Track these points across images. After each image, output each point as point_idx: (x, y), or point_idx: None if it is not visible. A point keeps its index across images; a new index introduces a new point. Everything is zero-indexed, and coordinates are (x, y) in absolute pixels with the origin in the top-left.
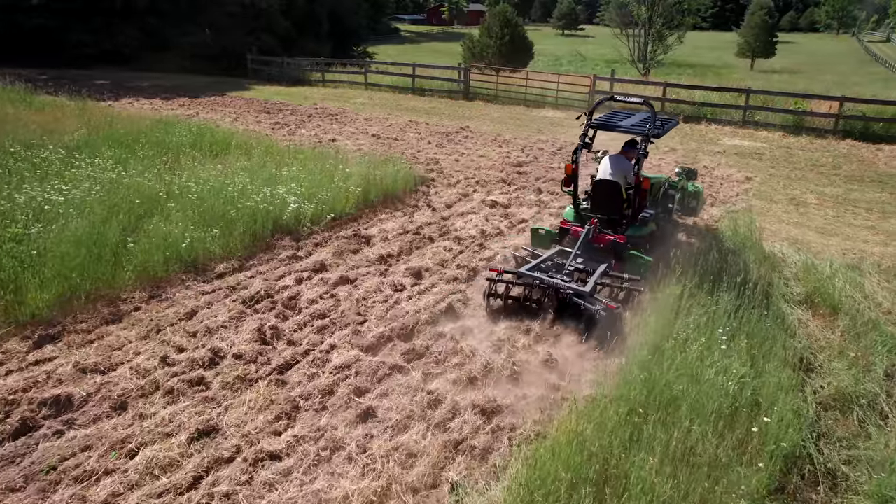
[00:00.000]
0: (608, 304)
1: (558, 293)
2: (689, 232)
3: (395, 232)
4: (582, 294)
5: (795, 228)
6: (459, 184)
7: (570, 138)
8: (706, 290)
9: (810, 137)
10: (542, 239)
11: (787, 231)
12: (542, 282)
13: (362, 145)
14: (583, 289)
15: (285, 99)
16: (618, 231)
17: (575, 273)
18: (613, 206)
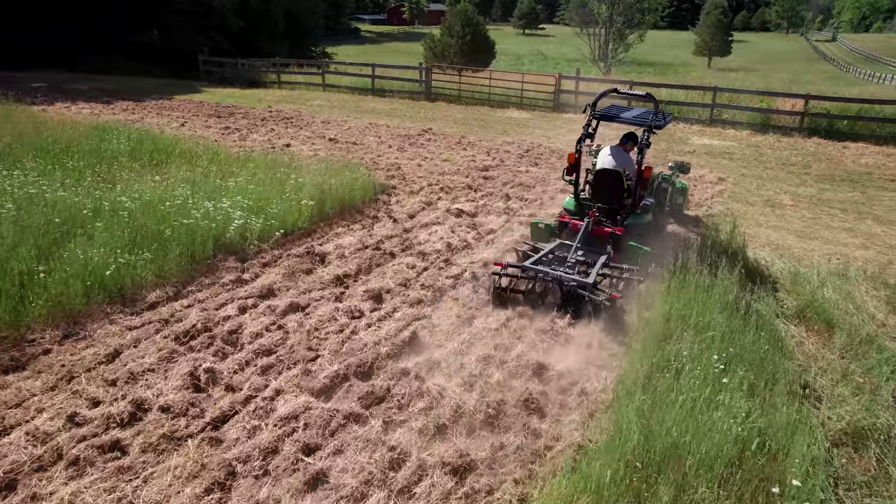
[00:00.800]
0: (611, 293)
1: (562, 285)
2: (673, 238)
3: (353, 248)
4: (585, 285)
5: (775, 232)
6: (423, 191)
7: (536, 139)
8: (696, 309)
9: (777, 136)
10: (541, 233)
11: (767, 235)
12: (545, 275)
13: (319, 150)
14: (586, 280)
15: (238, 102)
16: (616, 221)
17: (577, 265)
18: (614, 195)
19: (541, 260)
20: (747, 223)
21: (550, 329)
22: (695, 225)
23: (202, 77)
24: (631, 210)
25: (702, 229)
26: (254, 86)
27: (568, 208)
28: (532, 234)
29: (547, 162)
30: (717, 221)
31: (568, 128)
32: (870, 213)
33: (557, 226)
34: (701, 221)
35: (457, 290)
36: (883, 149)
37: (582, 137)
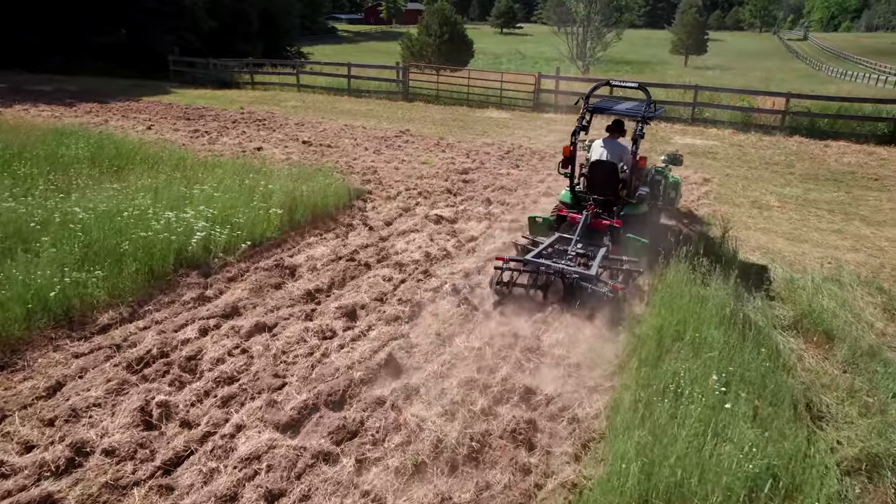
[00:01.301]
0: (614, 285)
1: (564, 278)
2: (665, 235)
3: (326, 259)
4: (588, 277)
5: (763, 235)
6: (400, 196)
7: (517, 140)
8: (691, 324)
9: (759, 134)
10: (539, 227)
11: (757, 239)
12: (547, 268)
13: (291, 154)
14: (588, 272)
15: (210, 103)
16: (613, 213)
17: (577, 258)
18: (610, 187)
19: (541, 253)
20: (736, 226)
21: (537, 347)
22: (688, 220)
23: (172, 78)
24: (627, 201)
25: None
26: (226, 87)
27: (564, 201)
28: (530, 229)
29: (528, 164)
30: (705, 225)
31: (549, 128)
32: (857, 214)
33: (555, 219)
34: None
35: (436, 304)
36: (864, 147)
37: (576, 130)
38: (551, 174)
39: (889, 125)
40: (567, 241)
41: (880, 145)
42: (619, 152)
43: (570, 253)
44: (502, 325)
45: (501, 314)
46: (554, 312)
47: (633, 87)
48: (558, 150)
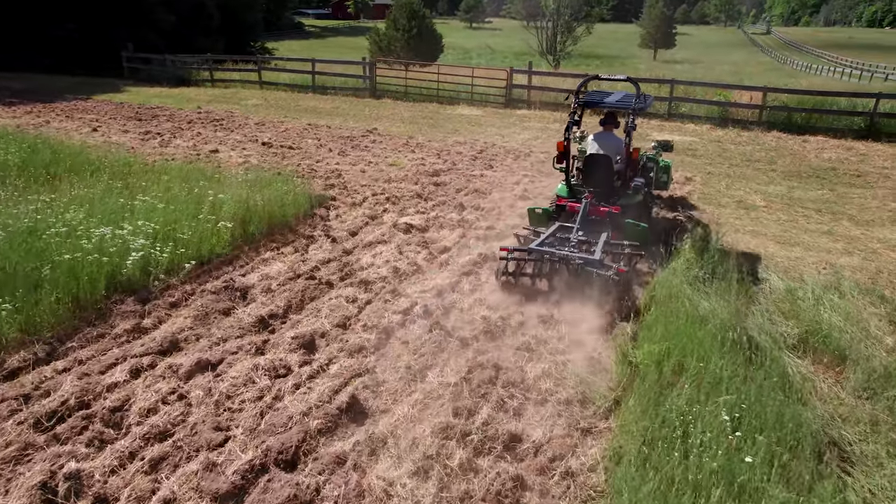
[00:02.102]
0: (619, 268)
1: (569, 264)
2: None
3: (283, 277)
4: (592, 262)
5: (753, 238)
6: (366, 202)
7: (490, 139)
8: (693, 349)
9: (737, 130)
10: (539, 218)
11: (747, 243)
12: (552, 255)
13: (250, 157)
14: (592, 257)
15: (165, 102)
16: (609, 202)
17: (580, 244)
18: (605, 179)
19: (543, 242)
20: (723, 229)
21: (521, 381)
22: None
23: (127, 75)
24: (622, 192)
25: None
26: (184, 84)
27: (560, 195)
28: (530, 220)
29: (502, 164)
30: (694, 230)
31: (522, 125)
32: (844, 214)
33: (555, 209)
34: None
35: (406, 329)
36: (842, 142)
37: (569, 125)
38: (527, 175)
39: (865, 119)
40: (567, 230)
41: (858, 140)
42: (613, 145)
43: (572, 240)
44: (481, 353)
45: (478, 340)
46: (538, 338)
47: (622, 80)
48: (533, 149)
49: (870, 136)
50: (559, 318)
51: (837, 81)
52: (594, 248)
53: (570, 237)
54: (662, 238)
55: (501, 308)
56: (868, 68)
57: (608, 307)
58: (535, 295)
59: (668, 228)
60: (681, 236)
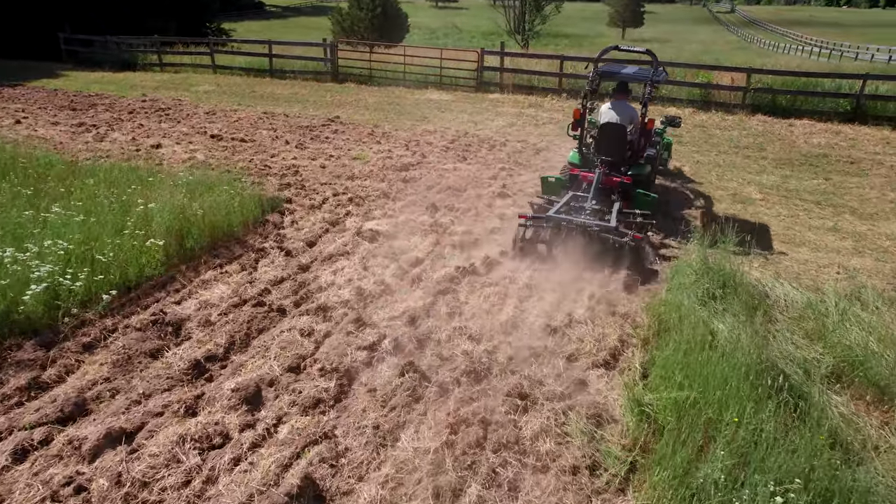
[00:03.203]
0: (634, 234)
1: (586, 231)
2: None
3: (226, 304)
4: (608, 229)
5: (755, 238)
6: (326, 203)
7: (462, 126)
8: (715, 391)
9: (721, 113)
10: (552, 186)
11: (749, 243)
12: (569, 222)
13: (196, 152)
14: (609, 224)
15: (106, 89)
16: (620, 172)
17: (595, 213)
18: (618, 148)
19: (559, 210)
20: (723, 228)
21: (516, 441)
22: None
23: (65, 58)
24: (633, 162)
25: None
26: (129, 69)
27: (573, 162)
28: (543, 189)
29: (476, 155)
30: (694, 233)
31: (496, 110)
32: (845, 206)
33: (568, 178)
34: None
35: (373, 371)
36: (828, 126)
37: (586, 94)
38: (504, 168)
39: (851, 102)
40: (581, 199)
41: (844, 123)
42: (627, 114)
43: (586, 209)
44: (464, 402)
45: (460, 384)
46: (532, 378)
47: (641, 52)
48: (509, 138)
49: (856, 119)
50: (552, 349)
51: (815, 62)
52: (608, 217)
53: (584, 206)
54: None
55: (485, 337)
56: (835, 47)
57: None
58: (524, 320)
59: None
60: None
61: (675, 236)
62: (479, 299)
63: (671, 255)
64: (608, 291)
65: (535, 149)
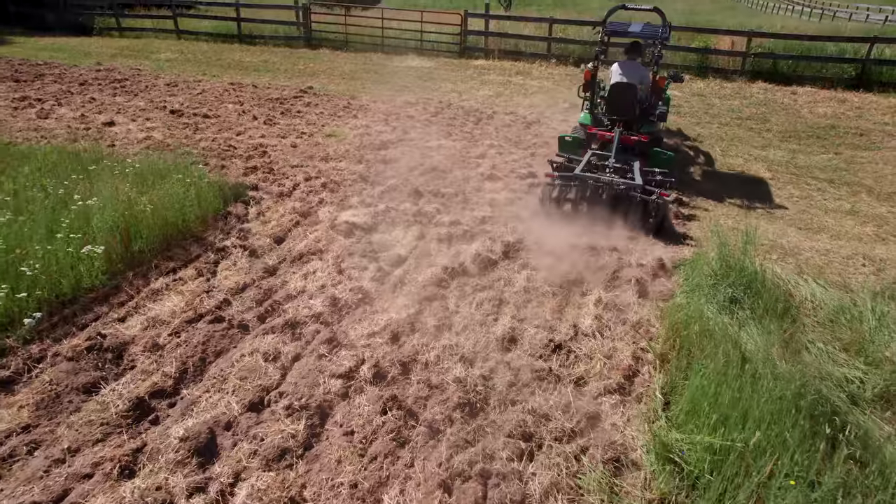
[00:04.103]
0: (661, 192)
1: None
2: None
3: (178, 321)
4: (635, 186)
5: (770, 224)
6: (297, 190)
7: (445, 96)
8: (760, 437)
9: (719, 80)
10: (570, 145)
11: (764, 230)
12: (596, 180)
13: (153, 130)
14: (635, 182)
15: (56, 56)
16: (632, 130)
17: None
18: (629, 108)
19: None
20: (730, 211)
21: (521, 502)
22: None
23: (14, 22)
24: (647, 119)
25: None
26: (84, 33)
27: (584, 123)
28: (560, 147)
29: (462, 130)
30: (703, 224)
31: (480, 78)
32: (860, 185)
33: (585, 137)
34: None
35: (350, 407)
36: (832, 93)
37: (597, 53)
38: (493, 145)
39: (856, 67)
40: (601, 158)
41: (849, 90)
42: (638, 74)
43: (609, 167)
44: (459, 448)
45: (453, 422)
46: (537, 412)
47: (649, 10)
48: (496, 109)
49: (861, 86)
50: (557, 371)
51: (814, 24)
52: (630, 175)
53: (606, 164)
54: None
55: (480, 357)
56: (826, 7)
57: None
58: (523, 333)
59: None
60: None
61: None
62: (470, 307)
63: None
64: (615, 296)
65: (524, 122)
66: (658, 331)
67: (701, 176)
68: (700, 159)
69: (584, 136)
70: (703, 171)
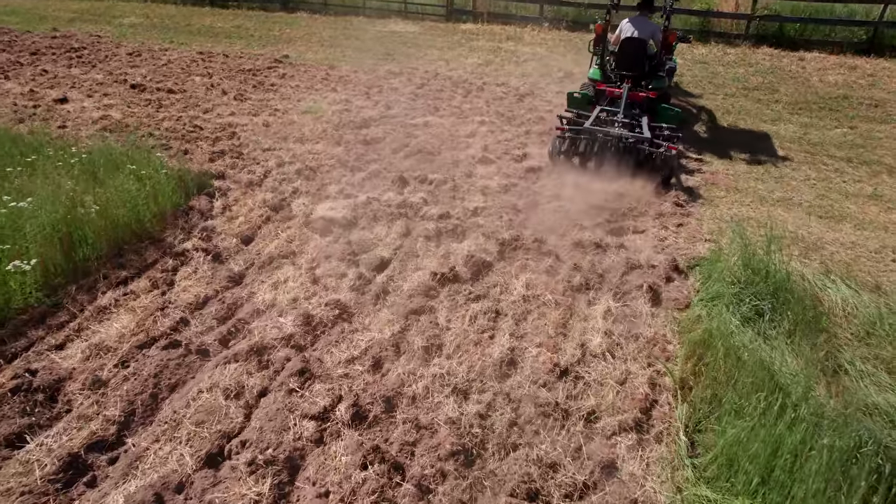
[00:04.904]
0: (669, 146)
1: (620, 142)
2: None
3: (127, 347)
4: (643, 140)
5: (786, 211)
6: (269, 178)
7: (431, 66)
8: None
9: (722, 46)
10: (579, 102)
11: (782, 220)
12: (605, 134)
13: (111, 108)
14: (644, 136)
15: (8, 21)
16: (641, 87)
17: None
18: (638, 63)
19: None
20: (745, 196)
21: None
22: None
23: None
24: (653, 76)
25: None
26: None
27: (594, 78)
28: (569, 103)
29: (450, 104)
30: (715, 211)
31: (469, 45)
32: (881, 164)
33: (594, 93)
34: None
35: (326, 457)
36: (841, 59)
37: (608, 8)
38: (484, 121)
39: (867, 31)
40: (610, 114)
41: (859, 56)
42: (648, 29)
43: (617, 122)
44: None
45: (446, 477)
46: (542, 461)
47: None
48: (486, 79)
49: (872, 52)
50: (563, 404)
51: None
52: (639, 130)
53: (615, 119)
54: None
55: (475, 387)
56: None
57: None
58: (523, 353)
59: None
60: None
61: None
62: (463, 322)
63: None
64: (625, 305)
65: (517, 94)
66: (676, 349)
67: (711, 149)
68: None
69: (593, 93)
70: (712, 152)
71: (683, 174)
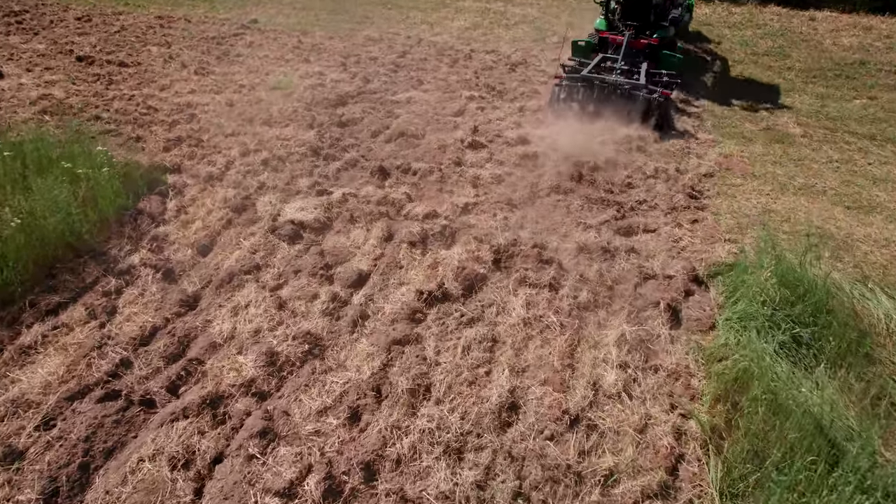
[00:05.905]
0: (662, 91)
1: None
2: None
3: (53, 400)
4: (638, 86)
5: (810, 202)
6: (231, 171)
7: (413, 30)
8: None
9: (727, 5)
10: (583, 50)
11: (806, 212)
12: (602, 81)
13: (53, 86)
14: (639, 82)
15: None
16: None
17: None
18: (643, 13)
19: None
20: (764, 184)
21: None
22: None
23: None
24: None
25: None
26: None
27: (599, 28)
28: (573, 51)
29: (435, 76)
30: (732, 203)
31: (455, 5)
32: None
33: (598, 41)
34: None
35: None
36: (854, 19)
37: None
38: (473, 95)
39: None
40: (611, 61)
41: (873, 14)
42: None
43: (617, 69)
44: None
45: None
46: None
47: None
48: (475, 45)
49: (887, 9)
50: (575, 465)
51: None
52: (637, 76)
53: (614, 66)
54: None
55: (471, 443)
56: None
57: None
58: (526, 394)
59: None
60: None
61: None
62: (455, 355)
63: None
64: (641, 328)
65: (508, 62)
66: (701, 385)
67: (722, 127)
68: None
69: (597, 41)
70: (723, 131)
71: (695, 158)
